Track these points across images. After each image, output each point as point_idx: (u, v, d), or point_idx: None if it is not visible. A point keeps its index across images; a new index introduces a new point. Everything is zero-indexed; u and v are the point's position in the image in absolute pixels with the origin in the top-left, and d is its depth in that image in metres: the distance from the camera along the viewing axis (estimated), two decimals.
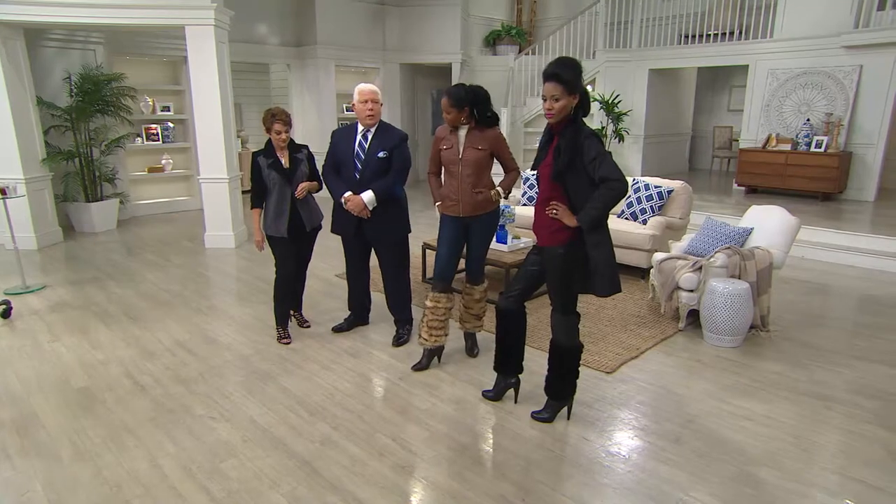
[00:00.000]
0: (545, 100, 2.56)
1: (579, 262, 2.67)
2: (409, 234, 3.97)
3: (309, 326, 4.22)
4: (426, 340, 3.52)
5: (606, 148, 2.60)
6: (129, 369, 3.58)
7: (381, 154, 3.66)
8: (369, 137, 3.68)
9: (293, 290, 4.09)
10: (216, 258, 6.18)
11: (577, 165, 2.58)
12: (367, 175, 3.67)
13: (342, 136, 3.79)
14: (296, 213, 3.83)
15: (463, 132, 3.34)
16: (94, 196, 7.49)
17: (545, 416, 2.97)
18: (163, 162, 8.68)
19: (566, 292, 2.78)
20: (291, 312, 4.21)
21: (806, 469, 2.62)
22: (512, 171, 3.53)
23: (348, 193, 3.67)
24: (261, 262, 5.88)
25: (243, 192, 7.11)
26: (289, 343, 3.98)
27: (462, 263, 3.68)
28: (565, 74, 2.49)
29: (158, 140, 8.61)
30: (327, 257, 5.80)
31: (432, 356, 3.59)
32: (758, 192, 8.64)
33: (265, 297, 4.82)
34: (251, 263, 5.96)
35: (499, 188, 3.44)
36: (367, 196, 3.65)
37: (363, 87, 3.63)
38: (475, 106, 3.29)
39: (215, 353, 3.82)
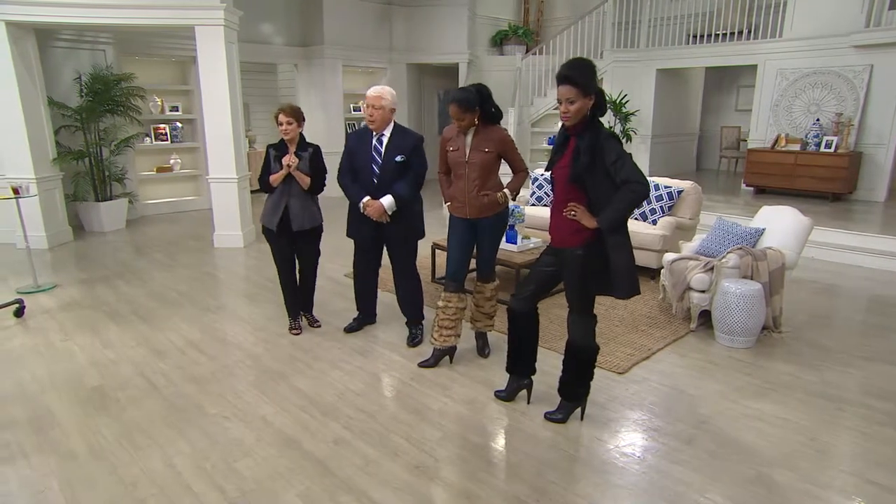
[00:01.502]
0: (560, 103, 2.55)
1: (598, 264, 2.66)
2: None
3: (319, 326, 4.23)
4: (436, 340, 3.53)
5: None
6: (140, 368, 3.60)
7: (398, 158, 3.66)
8: (384, 142, 3.68)
9: (293, 285, 4.11)
10: (225, 258, 6.20)
11: (597, 167, 2.56)
12: (385, 180, 3.67)
13: (358, 139, 3.77)
14: (286, 210, 3.85)
15: (470, 134, 3.33)
16: (103, 196, 7.53)
17: (558, 416, 2.97)
18: (171, 162, 8.71)
19: (584, 293, 2.77)
20: (301, 313, 4.23)
21: (821, 471, 2.61)
22: (520, 171, 3.51)
23: (367, 199, 3.67)
24: (270, 261, 5.87)
25: (252, 192, 7.15)
26: (299, 334, 4.06)
27: (472, 263, 3.68)
28: (579, 77, 2.48)
29: (167, 140, 8.64)
30: (336, 257, 5.81)
31: (442, 356, 3.59)
32: (766, 192, 8.60)
33: (274, 296, 4.84)
34: (260, 263, 5.97)
35: (506, 190, 3.43)
36: (387, 201, 3.65)
37: (368, 92, 3.65)
38: (483, 104, 3.28)
39: (226, 353, 3.83)
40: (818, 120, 8.15)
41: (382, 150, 3.67)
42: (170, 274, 5.60)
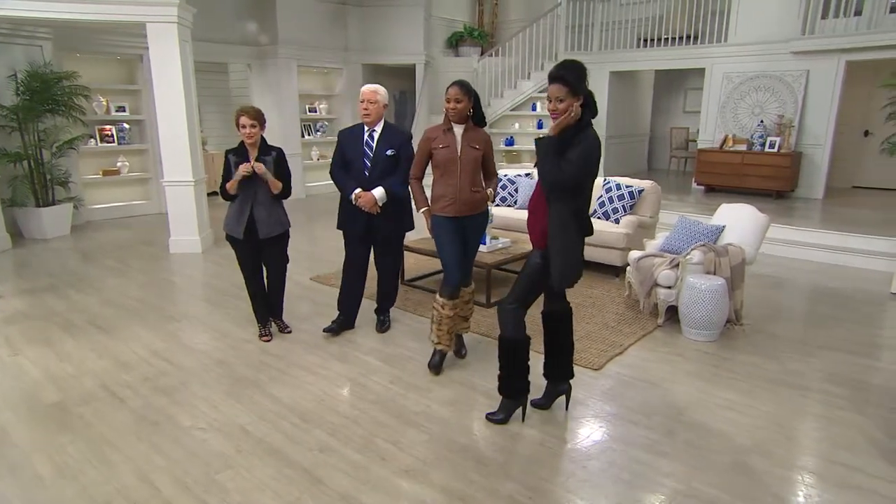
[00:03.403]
0: (550, 101, 2.61)
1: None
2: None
3: (290, 332, 4.12)
4: (447, 347, 3.52)
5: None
6: (104, 381, 3.41)
7: (389, 152, 3.79)
8: (375, 137, 3.82)
9: (261, 292, 4.02)
10: (183, 263, 5.96)
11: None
12: (376, 173, 3.80)
13: (349, 135, 3.92)
14: (251, 217, 3.76)
15: (459, 131, 3.35)
16: (45, 201, 7.11)
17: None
18: (118, 164, 8.32)
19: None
20: (271, 319, 4.12)
21: (792, 456, 2.73)
22: (494, 176, 3.59)
23: (358, 190, 3.76)
24: (231, 266, 5.69)
25: (208, 195, 6.92)
26: (269, 340, 3.98)
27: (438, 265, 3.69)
28: (569, 77, 2.55)
29: (113, 142, 8.24)
30: (301, 260, 5.69)
31: (445, 354, 3.61)
32: (716, 190, 8.97)
33: (239, 302, 4.70)
34: (220, 269, 5.78)
35: (489, 189, 3.47)
36: (378, 192, 3.75)
37: (363, 88, 3.80)
38: (475, 103, 3.34)
39: (194, 361, 3.69)
40: (762, 121, 8.56)
41: (374, 144, 3.80)
42: (125, 281, 5.35)
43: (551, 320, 3.02)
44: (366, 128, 3.80)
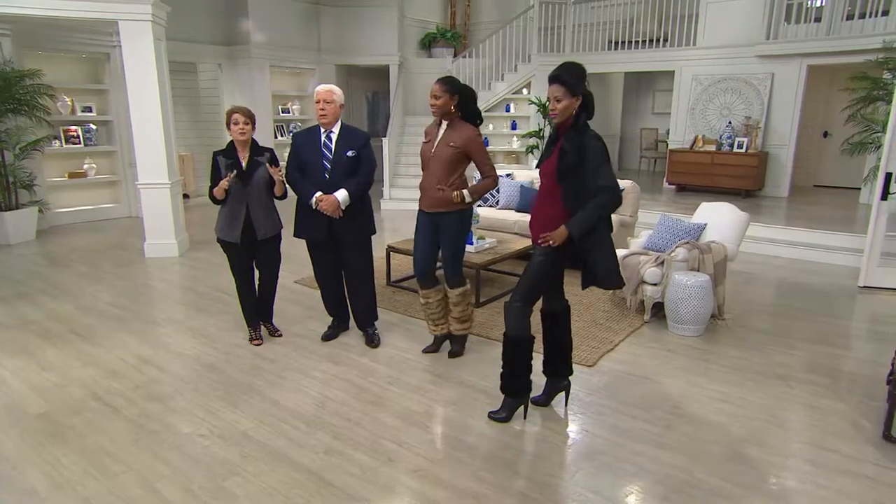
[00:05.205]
0: (549, 101, 2.68)
1: (560, 265, 2.83)
2: (374, 236, 3.95)
3: (281, 335, 4.07)
4: (434, 330, 3.74)
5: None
6: (93, 390, 3.30)
7: (349, 153, 3.64)
8: (334, 138, 3.65)
9: (253, 296, 3.95)
10: (160, 268, 5.81)
11: (580, 167, 2.67)
12: (336, 175, 3.64)
13: (305, 137, 3.75)
14: (248, 220, 3.70)
15: (443, 127, 3.39)
16: (8, 204, 6.84)
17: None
18: (85, 167, 8.05)
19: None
20: (262, 323, 4.06)
21: (785, 444, 2.84)
22: (487, 178, 3.49)
23: (319, 194, 3.61)
24: (212, 270, 5.62)
25: (184, 197, 6.77)
26: (260, 344, 3.92)
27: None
28: (567, 77, 2.63)
29: (79, 143, 7.98)
30: (285, 263, 5.58)
31: (443, 340, 3.74)
32: (687, 189, 9.21)
33: (224, 305, 4.62)
34: (200, 272, 5.65)
35: (465, 191, 3.37)
36: (342, 195, 3.61)
37: (318, 88, 3.66)
38: (464, 100, 3.35)
39: (185, 367, 3.61)
40: (730, 122, 8.83)
41: (332, 145, 3.64)
42: (101, 287, 5.18)
43: (550, 318, 3.07)
44: (322, 129, 3.65)
